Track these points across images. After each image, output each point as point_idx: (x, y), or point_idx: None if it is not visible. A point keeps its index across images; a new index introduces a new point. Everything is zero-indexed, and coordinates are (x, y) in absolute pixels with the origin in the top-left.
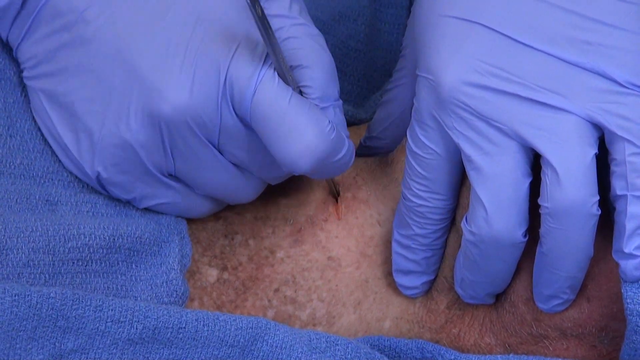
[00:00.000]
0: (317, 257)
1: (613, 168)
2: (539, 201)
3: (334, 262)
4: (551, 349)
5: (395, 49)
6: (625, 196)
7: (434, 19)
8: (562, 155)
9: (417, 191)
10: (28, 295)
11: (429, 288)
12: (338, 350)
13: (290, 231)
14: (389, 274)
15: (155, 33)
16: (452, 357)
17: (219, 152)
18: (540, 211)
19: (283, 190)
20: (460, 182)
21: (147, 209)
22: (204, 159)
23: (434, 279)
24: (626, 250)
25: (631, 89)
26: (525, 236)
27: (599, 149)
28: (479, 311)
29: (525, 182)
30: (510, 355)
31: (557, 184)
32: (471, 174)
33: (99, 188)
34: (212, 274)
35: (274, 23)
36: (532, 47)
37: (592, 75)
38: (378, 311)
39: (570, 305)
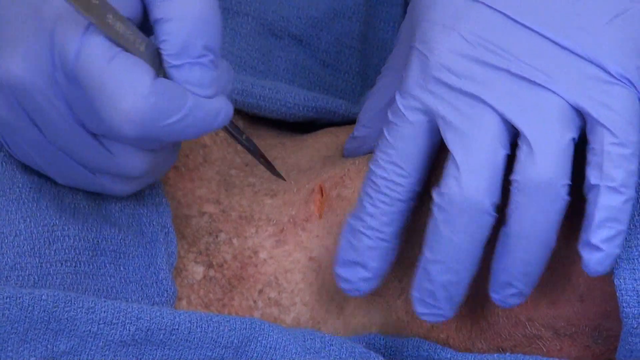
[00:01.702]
0: (299, 258)
1: (590, 157)
2: (511, 176)
3: (315, 263)
4: (545, 350)
5: (390, 46)
6: (597, 186)
7: None
8: (539, 132)
9: (380, 161)
10: (20, 297)
11: (371, 290)
12: (333, 350)
13: (273, 231)
14: None
15: (11, 8)
16: (449, 356)
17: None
18: (511, 187)
19: (269, 190)
20: (427, 166)
21: (126, 205)
22: (63, 129)
23: (378, 283)
24: (593, 241)
25: (621, 80)
26: (494, 211)
27: (578, 149)
28: (465, 318)
29: (502, 152)
30: (507, 354)
31: (530, 159)
32: (447, 137)
33: None
34: (198, 271)
35: None
36: (529, 28)
37: (584, 62)
38: (362, 317)
39: (563, 305)
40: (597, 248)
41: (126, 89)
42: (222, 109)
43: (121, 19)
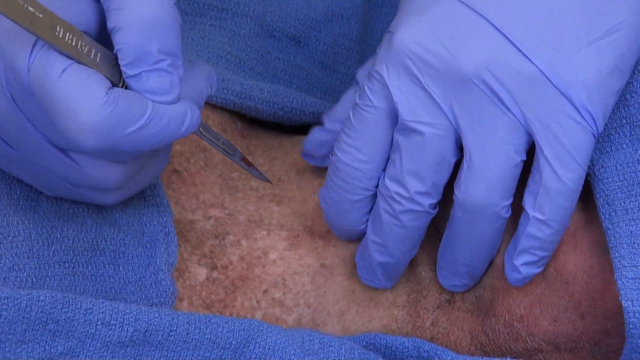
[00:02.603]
0: (310, 262)
1: (529, 181)
2: (454, 187)
3: (327, 269)
4: None
5: None
6: (528, 215)
7: None
8: (485, 152)
9: (342, 144)
10: (17, 298)
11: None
12: (331, 351)
13: (287, 235)
14: (373, 289)
15: None
16: (449, 358)
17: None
18: (453, 197)
19: (273, 195)
20: (389, 151)
21: (127, 206)
22: (31, 144)
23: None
24: (515, 262)
25: (583, 117)
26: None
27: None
28: (464, 333)
29: (451, 160)
30: (508, 357)
31: (472, 179)
32: (396, 137)
33: None
34: (201, 272)
35: None
36: (501, 32)
37: (547, 83)
38: (362, 324)
39: (564, 322)
40: (517, 270)
41: (79, 101)
42: (187, 115)
43: (73, 30)
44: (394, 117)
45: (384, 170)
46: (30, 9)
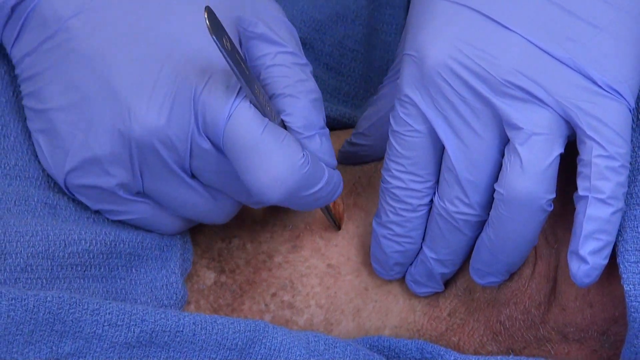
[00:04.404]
0: (316, 263)
1: (579, 168)
2: (496, 186)
3: (334, 269)
4: (552, 352)
5: (393, 49)
6: (586, 197)
7: (426, 2)
8: (530, 146)
9: (394, 172)
10: (25, 299)
11: (403, 275)
12: (337, 352)
13: (289, 237)
14: (389, 282)
15: (133, 51)
16: (452, 358)
17: (192, 175)
18: (495, 196)
19: None
20: (439, 165)
21: None
22: (172, 180)
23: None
24: (581, 253)
25: (609, 92)
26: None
27: (566, 149)
28: (479, 323)
29: (499, 158)
30: (510, 356)
31: (520, 173)
32: (448, 146)
33: (70, 194)
34: (209, 276)
35: (261, 49)
36: (517, 33)
37: (572, 72)
38: (377, 320)
39: (573, 312)
40: (584, 260)
41: (282, 158)
42: (341, 182)
43: (263, 89)
44: (435, 135)
45: (437, 186)
46: (243, 65)
